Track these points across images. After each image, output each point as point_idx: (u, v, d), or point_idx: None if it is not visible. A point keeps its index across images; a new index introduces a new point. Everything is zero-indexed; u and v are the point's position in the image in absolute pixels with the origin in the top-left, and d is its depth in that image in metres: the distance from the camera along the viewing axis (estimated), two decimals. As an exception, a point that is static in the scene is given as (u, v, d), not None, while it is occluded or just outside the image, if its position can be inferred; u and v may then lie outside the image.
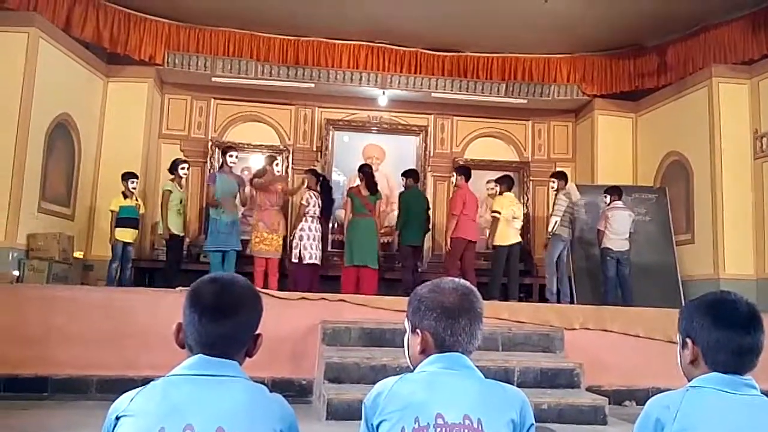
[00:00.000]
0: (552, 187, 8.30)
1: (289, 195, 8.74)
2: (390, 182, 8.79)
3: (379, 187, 8.16)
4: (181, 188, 8.24)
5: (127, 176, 7.92)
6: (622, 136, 9.59)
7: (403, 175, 8.31)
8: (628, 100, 9.57)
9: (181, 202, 8.08)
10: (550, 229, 7.84)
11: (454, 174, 8.21)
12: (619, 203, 7.88)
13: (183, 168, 8.21)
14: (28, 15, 7.34)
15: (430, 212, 8.57)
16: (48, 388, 5.13)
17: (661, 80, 8.89)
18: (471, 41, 9.21)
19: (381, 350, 5.03)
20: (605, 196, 8.02)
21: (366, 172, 8.10)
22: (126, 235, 7.83)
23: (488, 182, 9.34)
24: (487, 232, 8.10)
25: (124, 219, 7.84)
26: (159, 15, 8.79)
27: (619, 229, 7.74)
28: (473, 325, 1.64)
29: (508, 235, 7.79)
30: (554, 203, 7.95)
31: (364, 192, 7.92)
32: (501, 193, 7.98)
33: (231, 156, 7.86)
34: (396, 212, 8.68)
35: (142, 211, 8.15)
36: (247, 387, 1.51)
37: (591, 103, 9.63)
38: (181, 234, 8.15)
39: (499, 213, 7.74)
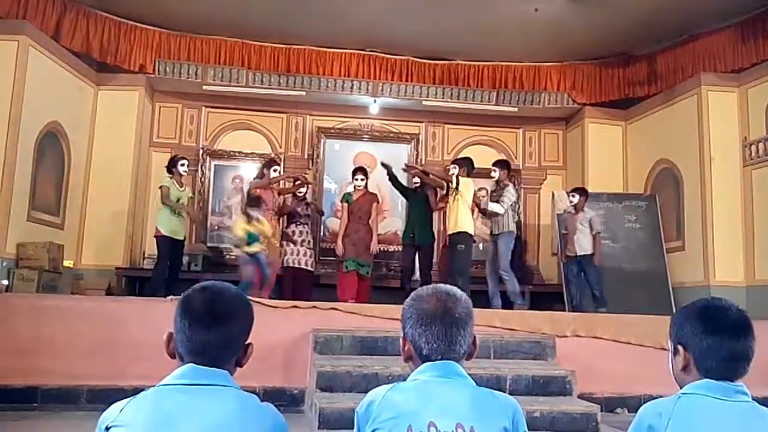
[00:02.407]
0: (492, 177, 7.84)
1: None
2: (381, 190, 8.77)
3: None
4: (181, 187, 7.77)
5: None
6: (613, 144, 9.64)
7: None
8: (618, 108, 9.62)
9: (178, 201, 7.60)
10: (500, 228, 7.43)
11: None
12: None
13: (183, 165, 7.75)
14: (18, 23, 7.32)
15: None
16: (38, 399, 5.08)
17: (650, 88, 8.95)
18: (462, 50, 9.25)
19: (373, 359, 5.02)
20: (572, 196, 7.90)
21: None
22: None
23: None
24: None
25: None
26: (149, 23, 8.78)
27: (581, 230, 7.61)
28: (451, 331, 1.62)
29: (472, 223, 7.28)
30: (502, 195, 7.49)
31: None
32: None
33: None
34: (389, 219, 8.75)
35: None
36: (238, 396, 1.50)
37: (581, 111, 9.68)
38: (176, 237, 7.58)
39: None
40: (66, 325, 5.32)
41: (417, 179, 8.00)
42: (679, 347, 1.71)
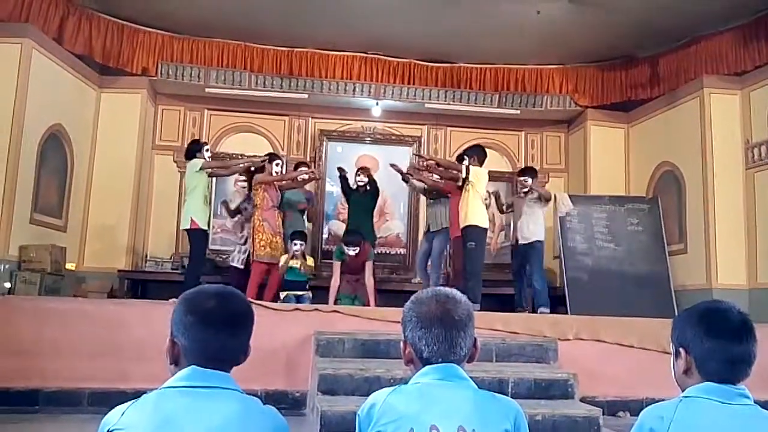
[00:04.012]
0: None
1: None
2: (383, 195, 8.76)
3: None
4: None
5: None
6: (615, 147, 9.63)
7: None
8: (620, 111, 9.62)
9: (207, 187, 7.08)
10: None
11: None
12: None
13: (207, 151, 7.17)
14: (21, 26, 7.33)
15: None
16: (39, 401, 5.08)
17: (653, 91, 8.94)
18: (464, 52, 9.26)
19: (375, 361, 5.01)
20: (525, 179, 7.63)
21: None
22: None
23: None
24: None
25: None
26: (152, 26, 8.80)
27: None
28: (451, 334, 1.62)
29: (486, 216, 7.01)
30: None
31: None
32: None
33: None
34: (390, 222, 8.73)
35: None
36: (240, 399, 1.51)
37: (583, 114, 9.68)
38: (207, 228, 7.03)
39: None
40: (68, 327, 5.32)
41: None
42: (681, 350, 1.71)
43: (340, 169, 8.17)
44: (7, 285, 7.01)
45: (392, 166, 8.02)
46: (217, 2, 8.05)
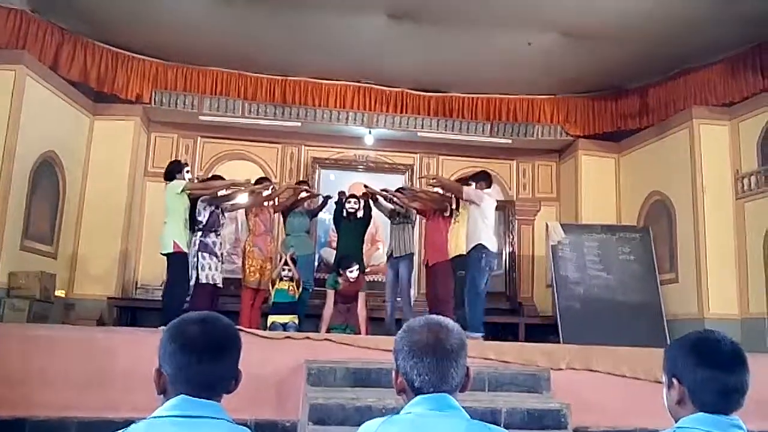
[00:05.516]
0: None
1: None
2: (375, 221, 8.74)
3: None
4: None
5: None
6: (606, 176, 9.69)
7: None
8: (610, 141, 9.70)
9: (187, 210, 6.67)
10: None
11: (471, 184, 6.91)
12: (489, 191, 6.80)
13: (188, 172, 6.97)
14: (16, 53, 7.37)
15: None
16: (26, 431, 5.00)
17: (643, 121, 9.04)
18: (456, 82, 9.35)
19: (367, 390, 4.97)
20: (469, 184, 6.89)
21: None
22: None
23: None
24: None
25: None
26: (146, 54, 8.85)
27: (492, 221, 6.67)
28: (443, 364, 1.60)
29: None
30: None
31: None
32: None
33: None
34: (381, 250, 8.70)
35: None
36: (230, 429, 1.49)
37: (574, 143, 9.75)
38: (187, 251, 6.60)
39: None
40: (55, 355, 5.26)
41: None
42: (674, 380, 1.70)
43: (341, 194, 8.05)
44: (-4, 312, 6.93)
45: (366, 187, 8.00)
46: (210, 31, 8.11)
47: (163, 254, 6.63)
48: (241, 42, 8.35)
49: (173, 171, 6.84)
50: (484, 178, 6.98)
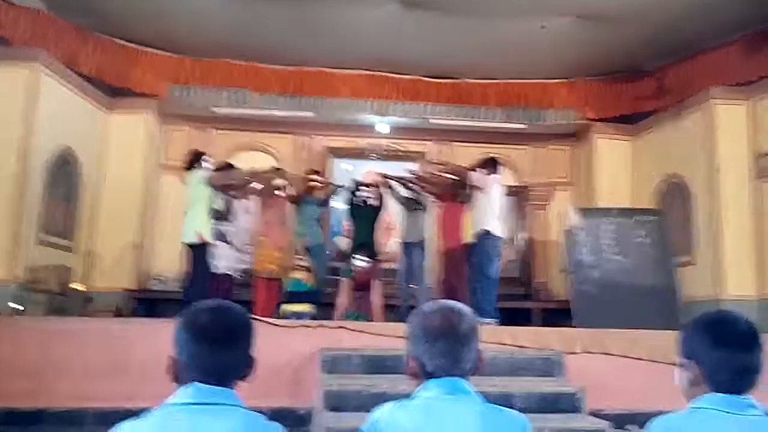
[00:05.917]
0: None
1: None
2: (391, 209, 8.70)
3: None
4: None
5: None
6: (621, 159, 9.61)
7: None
8: (626, 124, 9.60)
9: (210, 200, 6.67)
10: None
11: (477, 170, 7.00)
12: (495, 176, 6.88)
13: (207, 161, 6.87)
14: (31, 50, 7.41)
15: None
16: (44, 421, 5.07)
17: (659, 103, 8.93)
18: (469, 68, 9.28)
19: (382, 377, 4.98)
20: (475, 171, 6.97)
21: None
22: None
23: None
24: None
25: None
26: (161, 48, 8.87)
27: (497, 207, 6.71)
28: (455, 348, 1.61)
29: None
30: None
31: None
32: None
33: None
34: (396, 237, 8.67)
35: None
36: (244, 416, 1.50)
37: (589, 127, 9.66)
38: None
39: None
40: (73, 347, 5.32)
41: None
42: (688, 361, 1.68)
43: (354, 182, 7.98)
44: (20, 308, 6.90)
45: (382, 175, 7.91)
46: (223, 24, 8.11)
47: (187, 244, 6.61)
48: (253, 33, 8.34)
49: (193, 161, 6.87)
50: (490, 164, 7.02)
